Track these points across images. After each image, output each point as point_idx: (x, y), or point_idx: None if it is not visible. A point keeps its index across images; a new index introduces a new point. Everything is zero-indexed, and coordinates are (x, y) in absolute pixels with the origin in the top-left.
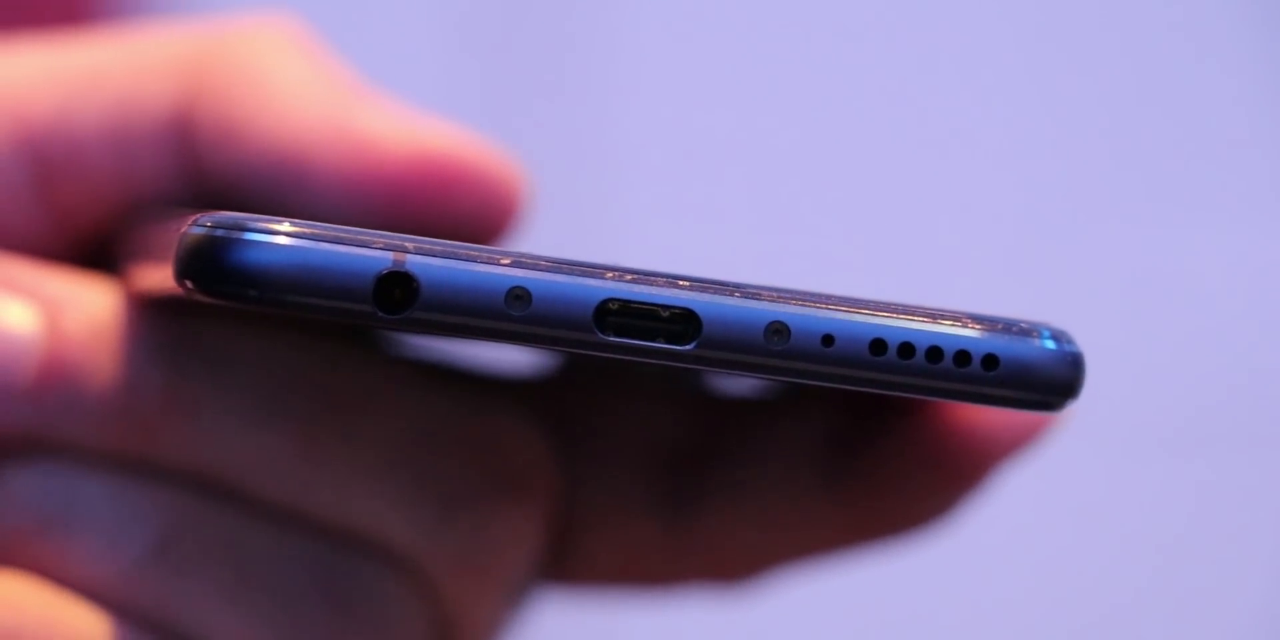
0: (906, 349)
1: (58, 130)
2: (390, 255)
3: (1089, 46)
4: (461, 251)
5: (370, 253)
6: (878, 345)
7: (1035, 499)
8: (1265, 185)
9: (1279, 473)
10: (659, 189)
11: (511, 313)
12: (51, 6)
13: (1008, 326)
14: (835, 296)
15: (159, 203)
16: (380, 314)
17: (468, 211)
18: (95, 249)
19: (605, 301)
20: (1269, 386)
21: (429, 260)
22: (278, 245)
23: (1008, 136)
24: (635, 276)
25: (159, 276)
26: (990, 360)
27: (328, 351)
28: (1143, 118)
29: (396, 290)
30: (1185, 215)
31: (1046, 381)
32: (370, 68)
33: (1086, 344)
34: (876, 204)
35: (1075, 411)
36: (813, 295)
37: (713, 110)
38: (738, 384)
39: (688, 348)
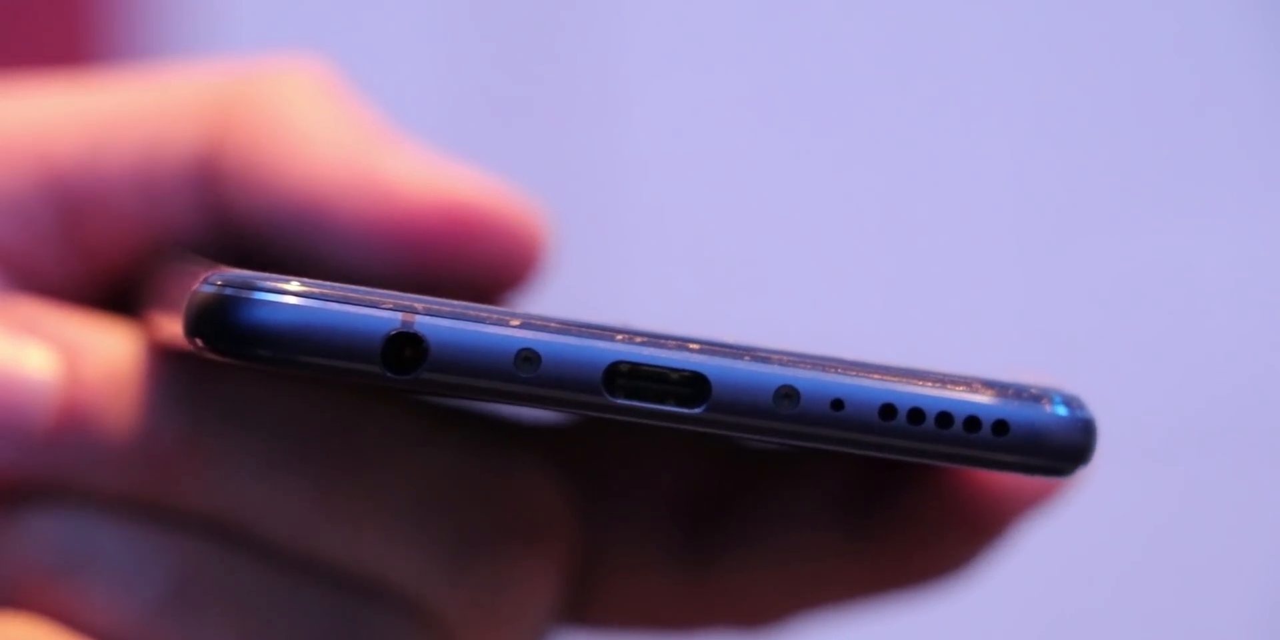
0: (916, 414)
1: (85, 172)
2: (399, 316)
3: (1085, 48)
4: (471, 312)
5: (379, 313)
6: (887, 410)
7: None
8: (1256, 189)
9: (1265, 479)
10: (666, 222)
11: (520, 374)
12: (53, 32)
13: (1019, 392)
14: (846, 361)
15: (183, 246)
16: (388, 374)
17: (490, 260)
18: (119, 289)
19: (615, 364)
20: (1256, 393)
21: (438, 321)
22: (286, 305)
23: (1001, 140)
24: (645, 339)
25: (172, 330)
26: (1001, 426)
27: (346, 400)
28: (1132, 119)
29: (405, 351)
30: (1175, 219)
31: (1057, 448)
32: (377, 94)
33: (1079, 346)
34: (876, 208)
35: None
36: (823, 359)
37: (715, 121)
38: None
39: (697, 411)
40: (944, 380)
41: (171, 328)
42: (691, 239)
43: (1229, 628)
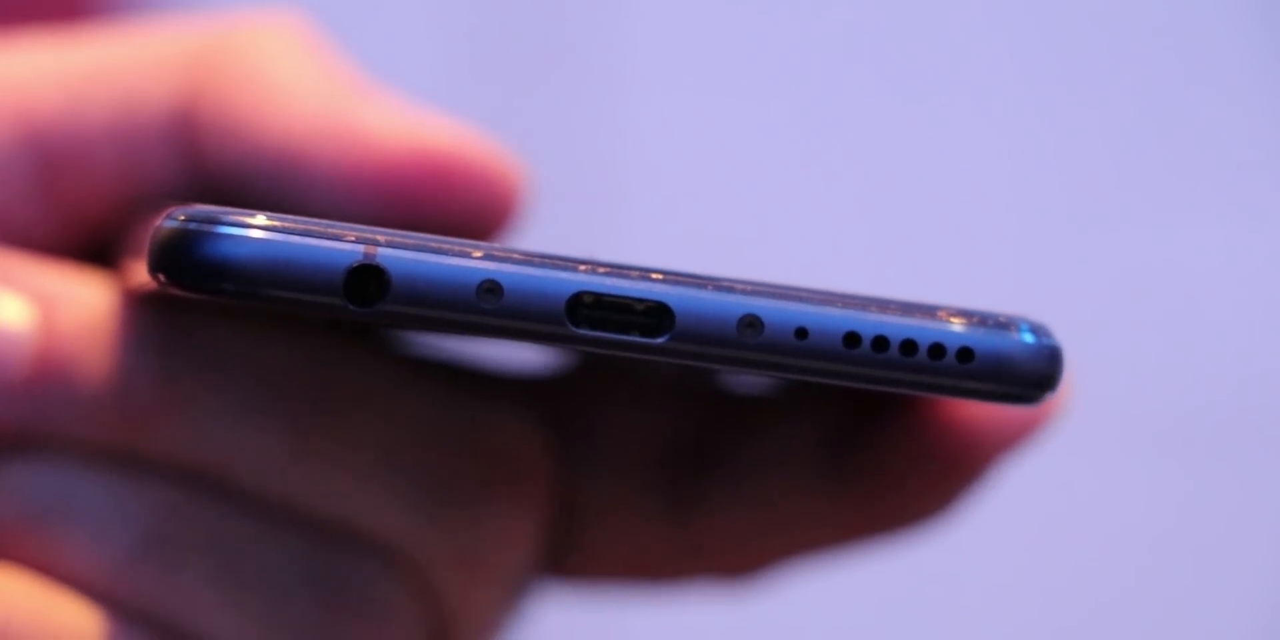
0: (880, 342)
1: (63, 127)
2: (361, 248)
3: (1082, 45)
4: (433, 244)
5: (341, 246)
6: (851, 338)
7: (1024, 496)
8: (1258, 183)
9: (1270, 473)
10: (659, 185)
11: (483, 306)
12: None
13: (984, 319)
14: (809, 289)
15: (162, 198)
16: (350, 307)
17: (466, 207)
18: (99, 244)
19: (578, 294)
20: (1261, 386)
21: (400, 253)
22: (250, 238)
23: (1001, 135)
24: (608, 270)
25: (140, 270)
26: (966, 353)
27: (324, 347)
28: (1131, 114)
29: (368, 283)
30: (1179, 212)
31: (1023, 375)
32: (372, 64)
33: (1078, 341)
34: (873, 201)
35: (1075, 406)
36: (787, 288)
37: (714, 109)
38: (735, 380)
39: (660, 341)
40: (908, 308)
41: (140, 270)
42: (686, 196)
43: (1229, 622)
